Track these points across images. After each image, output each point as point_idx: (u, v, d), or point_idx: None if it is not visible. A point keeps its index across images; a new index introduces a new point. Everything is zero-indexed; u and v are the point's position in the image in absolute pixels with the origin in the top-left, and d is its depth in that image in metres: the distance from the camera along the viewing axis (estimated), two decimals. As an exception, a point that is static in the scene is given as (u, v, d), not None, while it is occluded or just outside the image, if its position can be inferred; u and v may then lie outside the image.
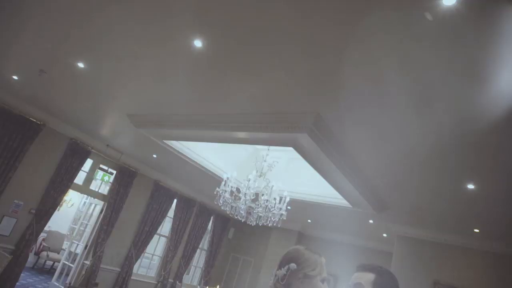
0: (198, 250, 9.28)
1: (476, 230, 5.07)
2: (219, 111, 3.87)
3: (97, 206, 7.56)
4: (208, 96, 3.64)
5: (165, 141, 5.18)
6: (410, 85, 2.49)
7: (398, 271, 5.75)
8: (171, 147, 5.41)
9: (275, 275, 1.59)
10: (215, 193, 4.82)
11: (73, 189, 7.05)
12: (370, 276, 1.60)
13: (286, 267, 1.56)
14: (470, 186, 3.74)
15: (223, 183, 4.82)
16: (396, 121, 2.99)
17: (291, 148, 5.36)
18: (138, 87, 3.94)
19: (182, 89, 3.65)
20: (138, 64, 3.41)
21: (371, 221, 6.28)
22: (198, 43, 2.74)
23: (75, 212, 10.13)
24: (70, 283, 6.69)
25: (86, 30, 3.06)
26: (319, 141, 3.53)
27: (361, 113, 3.03)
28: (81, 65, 3.73)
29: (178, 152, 5.54)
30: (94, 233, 7.20)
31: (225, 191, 4.73)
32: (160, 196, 7.95)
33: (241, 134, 4.00)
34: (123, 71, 3.66)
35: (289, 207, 6.35)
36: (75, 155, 6.48)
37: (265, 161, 5.09)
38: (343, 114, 3.14)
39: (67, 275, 7.25)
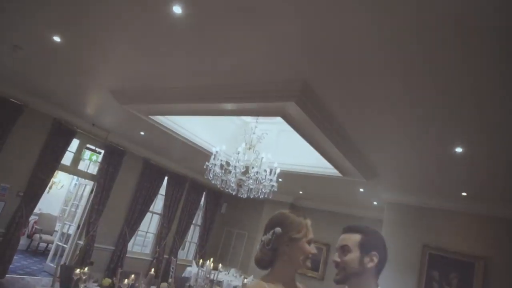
0: (191, 226, 9.35)
1: (464, 194, 5.16)
2: (205, 82, 3.77)
3: (87, 186, 7.49)
4: (191, 68, 3.52)
5: (151, 116, 5.07)
6: (396, 53, 2.42)
7: (389, 237, 5.88)
8: (158, 123, 5.31)
9: (261, 241, 1.57)
10: (204, 167, 4.78)
11: (61, 170, 6.95)
12: (356, 237, 1.59)
13: (271, 231, 1.54)
14: (458, 150, 3.75)
15: (212, 157, 4.77)
16: (383, 87, 2.94)
17: (280, 120, 5.31)
18: (118, 61, 3.79)
19: (164, 61, 3.52)
20: (116, 37, 3.26)
21: (361, 190, 6.35)
22: (177, 10, 2.61)
23: (66, 194, 10.06)
24: (65, 263, 6.70)
25: (60, 0, 2.89)
26: (307, 110, 3.48)
27: (348, 79, 2.97)
28: (57, 39, 3.56)
29: (166, 127, 5.44)
30: (85, 213, 7.17)
31: (215, 164, 4.69)
32: (150, 174, 7.90)
33: (229, 106, 3.92)
34: (102, 44, 3.50)
35: (280, 179, 6.38)
36: (60, 135, 6.34)
37: (254, 133, 5.04)
38: (330, 81, 3.08)
39: (62, 256, 7.26)
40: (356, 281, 1.52)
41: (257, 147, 5.01)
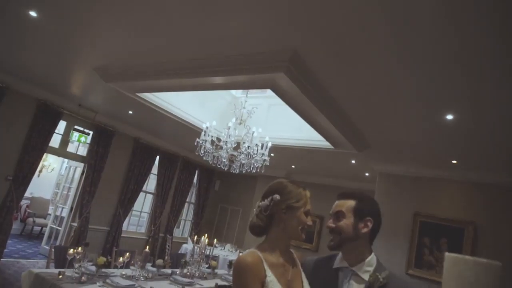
0: (186, 204, 9.39)
1: (454, 162, 5.20)
2: (190, 56, 3.65)
3: (78, 168, 7.41)
4: (176, 40, 3.40)
5: (138, 94, 4.95)
6: (389, 19, 2.35)
7: (381, 207, 5.95)
8: (146, 101, 5.20)
9: (258, 206, 1.55)
10: (195, 144, 4.73)
11: (49, 152, 6.85)
12: (351, 203, 1.58)
13: (270, 198, 1.51)
14: (449, 117, 3.74)
15: (202, 133, 4.72)
16: (374, 55, 2.87)
17: (271, 94, 5.23)
18: (99, 35, 3.63)
19: (147, 34, 3.39)
20: (97, 10, 3.11)
21: (353, 161, 6.38)
22: (158, -23, 2.48)
23: (57, 177, 9.98)
24: (59, 244, 6.70)
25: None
26: (296, 80, 3.41)
27: (338, 46, 2.89)
28: (33, 14, 3.39)
29: (154, 105, 5.34)
30: (78, 195, 7.13)
31: (205, 140, 4.64)
32: (141, 154, 7.83)
33: (217, 79, 3.82)
34: (82, 19, 3.34)
35: (272, 154, 6.38)
36: (46, 117, 6.19)
37: (244, 108, 4.98)
38: (319, 49, 3.00)
39: (56, 238, 7.27)
40: (350, 247, 1.52)
41: (247, 122, 4.97)
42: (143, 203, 8.70)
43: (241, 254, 1.46)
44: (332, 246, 1.54)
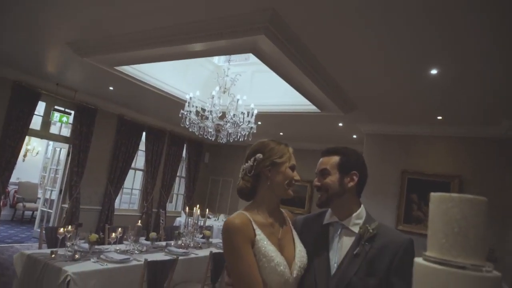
0: (176, 178, 9.38)
1: (439, 118, 5.25)
2: (167, 23, 3.49)
3: (63, 149, 7.29)
4: (150, 7, 3.23)
5: (116, 68, 4.78)
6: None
7: (369, 167, 6.02)
8: (125, 74, 5.03)
9: (243, 169, 1.53)
10: (180, 115, 4.65)
11: (31, 135, 6.68)
12: (335, 159, 1.56)
13: (253, 158, 1.49)
14: (433, 71, 3.72)
15: (186, 104, 4.63)
16: (357, 8, 2.78)
17: (254, 61, 5.14)
18: (68, 4, 3.43)
19: (119, 2, 3.21)
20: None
21: (340, 124, 6.39)
22: None
23: (43, 160, 9.81)
24: (51, 226, 6.67)
25: None
26: (278, 42, 3.31)
27: (317, 4, 2.78)
28: (-6, -14, 3.18)
29: (134, 78, 5.17)
30: (66, 177, 7.04)
31: (190, 111, 4.56)
32: (127, 131, 7.70)
33: (197, 46, 3.69)
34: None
35: (259, 122, 6.33)
36: (24, 99, 5.99)
37: (227, 75, 4.88)
38: (299, 8, 2.89)
39: (48, 221, 7.23)
40: (338, 202, 1.51)
41: (231, 90, 4.88)
42: (134, 180, 8.65)
43: (229, 217, 1.44)
44: (320, 204, 1.54)
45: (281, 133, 8.03)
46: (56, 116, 6.46)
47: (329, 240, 1.53)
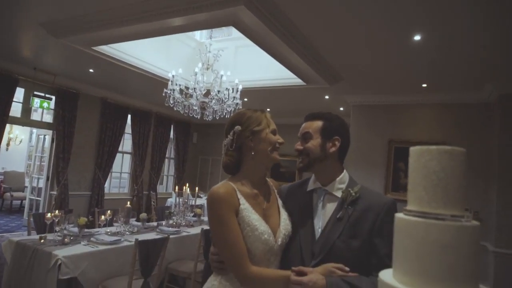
0: (165, 160, 9.33)
1: (424, 85, 5.26)
2: (143, -3, 3.36)
3: (47, 136, 7.14)
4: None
5: (94, 48, 4.62)
6: None
7: (357, 138, 6.08)
8: (104, 55, 4.87)
9: (224, 145, 1.50)
10: (163, 94, 4.56)
11: (12, 123, 6.51)
12: (318, 123, 1.54)
13: (231, 132, 1.47)
14: (417, 37, 3.69)
15: (169, 82, 4.53)
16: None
17: (236, 36, 5.04)
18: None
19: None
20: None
21: (327, 97, 6.37)
22: None
23: (27, 148, 9.63)
24: (37, 212, 6.62)
25: None
26: (260, 14, 3.23)
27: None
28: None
29: (114, 59, 5.02)
30: (52, 163, 6.93)
31: (173, 90, 4.47)
32: (111, 114, 7.55)
33: (176, 21, 3.57)
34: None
35: (245, 99, 6.27)
36: (0, 86, 5.78)
37: (209, 52, 4.77)
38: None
39: (38, 209, 7.16)
40: (320, 167, 1.51)
41: (215, 67, 4.79)
42: (122, 164, 8.57)
43: (213, 187, 1.43)
44: (301, 168, 1.53)
45: (268, 109, 7.95)
46: (36, 102, 6.28)
47: (313, 207, 1.53)
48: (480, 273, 0.77)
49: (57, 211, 3.24)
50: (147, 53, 5.46)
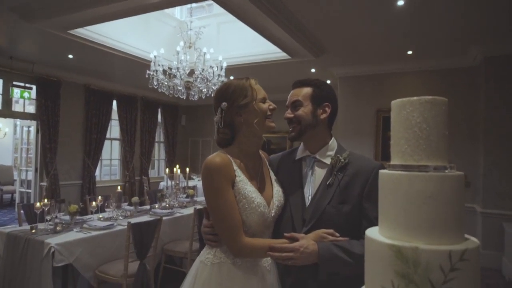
0: (155, 144, 9.25)
1: (410, 52, 5.23)
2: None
3: (31, 127, 6.98)
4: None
5: (70, 32, 4.46)
6: None
7: (345, 109, 6.08)
8: (82, 38, 4.71)
9: (215, 123, 1.46)
10: (146, 76, 4.45)
11: (-7, 115, 6.34)
12: (307, 90, 1.51)
13: (219, 109, 1.43)
14: (400, 2, 3.63)
15: (152, 63, 4.42)
16: None
17: (218, 11, 4.91)
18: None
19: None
20: None
21: (313, 70, 6.30)
22: None
23: (12, 141, 9.45)
24: (26, 202, 6.56)
25: None
26: (238, -15, 3.13)
27: None
28: None
29: (92, 42, 4.86)
30: (39, 155, 6.81)
31: (156, 70, 4.36)
32: (96, 101, 7.39)
33: (152, -2, 3.45)
34: None
35: (231, 77, 6.17)
36: (-23, 77, 5.60)
37: (190, 29, 4.64)
38: None
39: (29, 201, 7.08)
40: (310, 134, 1.49)
41: (197, 44, 4.68)
42: (111, 151, 8.48)
43: (208, 156, 1.39)
44: (293, 137, 1.51)
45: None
46: (16, 92, 6.11)
47: (302, 175, 1.53)
48: (466, 223, 0.77)
49: (46, 200, 3.20)
50: (127, 35, 5.30)
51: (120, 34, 5.19)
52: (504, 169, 4.75)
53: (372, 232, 0.82)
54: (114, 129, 8.36)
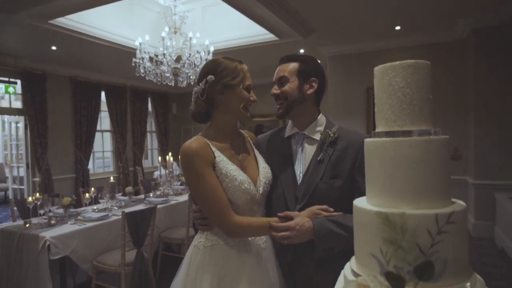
0: (147, 134, 9.19)
1: (398, 28, 5.19)
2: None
3: (20, 123, 6.87)
4: None
5: (51, 22, 4.34)
6: None
7: (335, 88, 6.07)
8: (64, 28, 4.58)
9: (195, 93, 1.44)
10: (133, 64, 4.38)
11: (-21, 112, 6.22)
12: (294, 65, 1.49)
13: (204, 80, 1.40)
14: (386, -24, 3.58)
15: (137, 51, 4.34)
16: None
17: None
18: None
19: None
20: None
21: (302, 51, 6.24)
22: None
23: (1, 138, 9.32)
24: (18, 198, 6.52)
25: None
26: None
27: None
28: None
29: (75, 32, 4.73)
30: (29, 150, 6.72)
31: (143, 58, 4.29)
32: (84, 93, 7.28)
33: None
34: None
35: (219, 61, 6.09)
36: (-41, 73, 5.47)
37: (175, 14, 4.55)
38: None
39: (23, 198, 7.04)
40: (298, 111, 1.47)
41: (183, 29, 4.59)
42: (103, 143, 8.40)
43: (185, 143, 1.38)
44: (281, 114, 1.49)
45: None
46: (0, 87, 5.98)
47: (292, 152, 1.52)
48: (452, 187, 0.77)
49: (38, 194, 3.17)
50: (111, 23, 5.19)
51: (104, 23, 5.07)
52: (494, 140, 4.80)
53: (360, 202, 0.82)
54: (104, 120, 8.27)
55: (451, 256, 0.69)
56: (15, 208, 3.78)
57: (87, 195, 3.71)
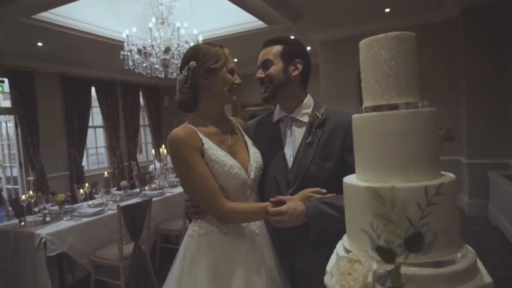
0: (140, 128, 9.12)
1: (387, 10, 5.16)
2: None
3: (10, 122, 6.78)
4: None
5: (35, 16, 4.25)
6: None
7: (326, 74, 6.04)
8: (48, 23, 4.49)
9: (178, 81, 1.43)
10: (121, 57, 4.31)
11: (-33, 112, 6.12)
12: (277, 48, 1.47)
13: (186, 67, 1.38)
14: (373, -43, 3.54)
15: (125, 43, 4.27)
16: None
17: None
18: None
19: None
20: None
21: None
22: None
23: (-8, 139, 9.18)
24: (12, 197, 6.48)
25: None
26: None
27: None
28: None
29: (60, 26, 4.64)
30: (21, 149, 6.65)
31: (131, 50, 4.23)
32: (73, 89, 7.19)
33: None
34: None
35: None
36: None
37: (161, 4, 4.47)
38: None
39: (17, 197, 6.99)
40: (284, 94, 1.46)
41: (170, 20, 4.52)
42: (96, 139, 8.34)
43: (172, 131, 1.37)
44: (267, 97, 1.48)
45: (235, 60, 7.73)
46: (-12, 87, 5.88)
47: (281, 136, 1.51)
48: (440, 159, 0.76)
49: (31, 192, 3.14)
50: (96, 16, 5.10)
51: (89, 16, 4.98)
52: (486, 119, 4.82)
53: (349, 178, 0.81)
54: (96, 116, 8.19)
55: (442, 227, 0.69)
56: (9, 208, 3.74)
57: (81, 191, 3.68)
